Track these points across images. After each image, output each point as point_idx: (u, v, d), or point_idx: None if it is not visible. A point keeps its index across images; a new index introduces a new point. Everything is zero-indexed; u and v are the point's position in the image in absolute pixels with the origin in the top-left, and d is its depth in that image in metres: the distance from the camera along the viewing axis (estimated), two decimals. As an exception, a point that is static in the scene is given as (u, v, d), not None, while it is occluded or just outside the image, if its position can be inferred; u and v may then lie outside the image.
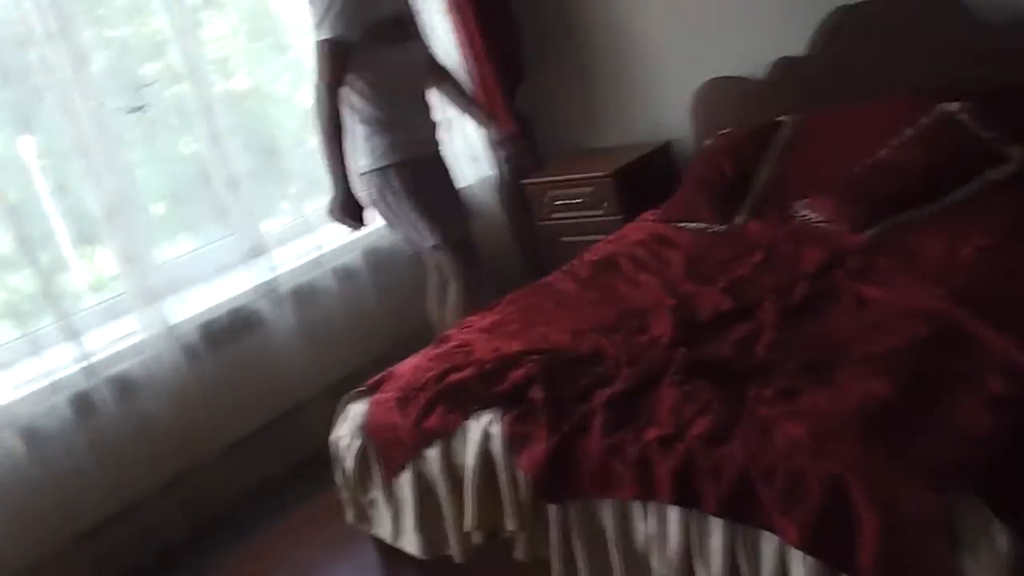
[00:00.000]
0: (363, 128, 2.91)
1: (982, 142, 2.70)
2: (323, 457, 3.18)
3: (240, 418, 3.09)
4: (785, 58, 3.43)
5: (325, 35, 2.76)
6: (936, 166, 2.70)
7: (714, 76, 3.61)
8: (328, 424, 3.24)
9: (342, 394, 3.31)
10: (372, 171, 2.94)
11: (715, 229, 3.00)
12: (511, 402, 2.09)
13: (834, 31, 3.29)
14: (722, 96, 3.61)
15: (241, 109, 3.33)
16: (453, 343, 2.54)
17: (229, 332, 3.07)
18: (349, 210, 2.88)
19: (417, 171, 2.95)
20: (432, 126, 3.09)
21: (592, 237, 3.62)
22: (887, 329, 2.00)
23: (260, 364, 3.15)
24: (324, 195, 3.43)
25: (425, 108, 3.07)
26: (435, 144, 3.09)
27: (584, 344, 2.28)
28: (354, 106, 2.89)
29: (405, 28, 2.94)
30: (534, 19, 4.03)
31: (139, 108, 3.05)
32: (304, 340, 3.23)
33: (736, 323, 2.23)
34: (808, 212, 2.86)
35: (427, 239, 3.02)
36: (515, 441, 2.01)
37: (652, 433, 1.83)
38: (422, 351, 2.59)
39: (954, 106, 2.82)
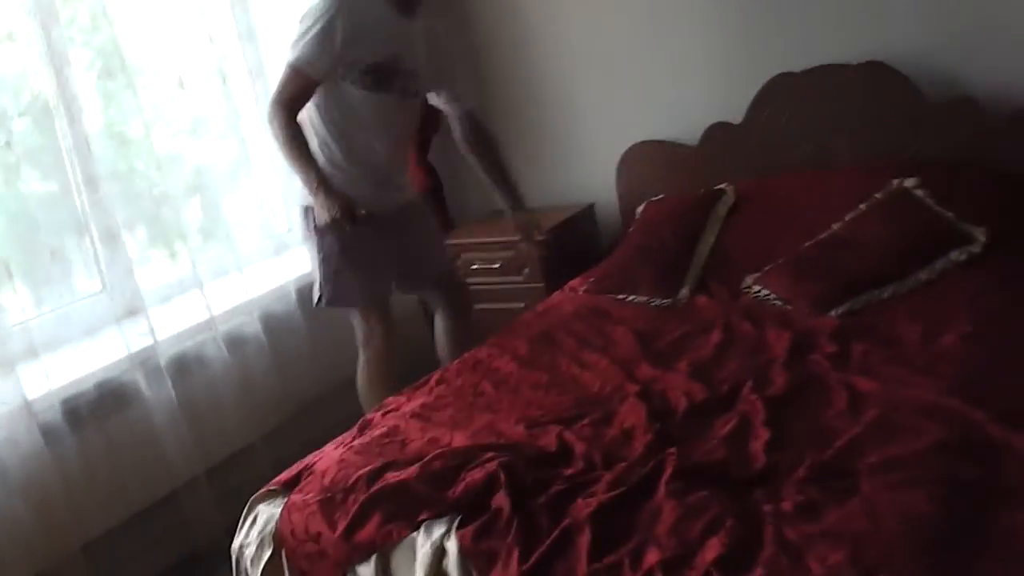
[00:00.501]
0: None
1: (944, 221, 2.56)
2: (206, 555, 2.76)
3: (108, 508, 2.59)
4: (719, 124, 3.27)
5: (291, 57, 2.51)
6: (899, 245, 2.54)
7: (643, 139, 3.41)
8: (211, 512, 2.83)
9: (227, 475, 2.91)
10: (302, 206, 2.70)
11: (658, 303, 2.76)
12: (468, 511, 1.74)
13: (771, 99, 3.15)
14: (650, 160, 3.42)
15: (116, 151, 2.89)
16: (379, 430, 2.18)
17: (98, 408, 2.59)
18: (336, 207, 2.51)
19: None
20: (384, 186, 2.74)
21: (511, 305, 3.38)
22: (898, 430, 1.77)
23: (134, 445, 2.66)
24: (211, 247, 3.07)
25: (384, 166, 2.73)
26: (380, 203, 2.70)
27: (543, 438, 1.96)
28: (308, 136, 2.62)
29: (395, 80, 2.62)
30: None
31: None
32: (186, 416, 2.76)
33: (715, 415, 1.97)
34: (761, 288, 2.65)
35: (317, 293, 2.75)
36: (478, 560, 1.66)
37: (652, 557, 1.52)
38: (342, 438, 2.21)
39: (910, 182, 2.69)
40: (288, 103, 2.53)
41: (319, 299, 2.75)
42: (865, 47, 3.00)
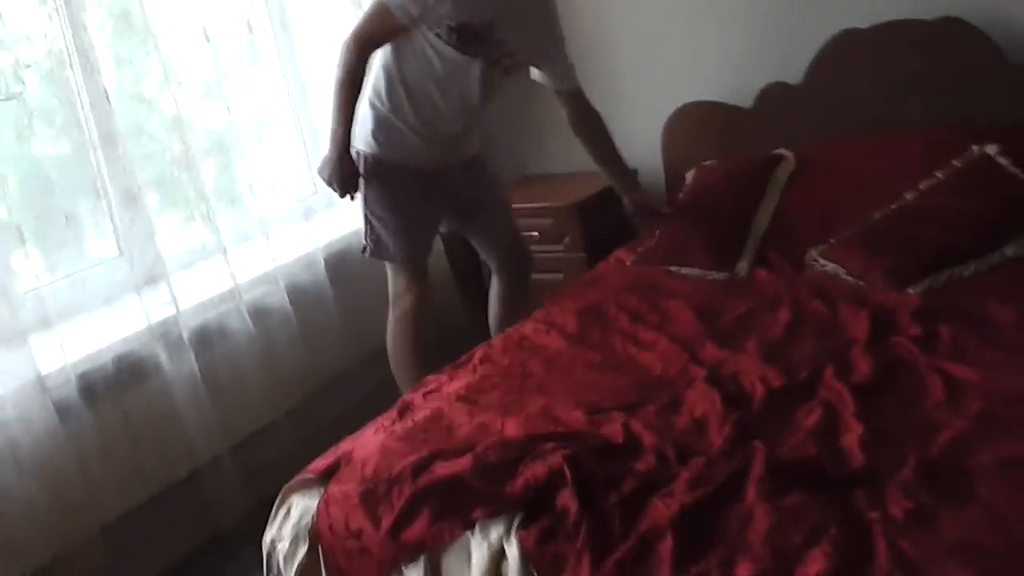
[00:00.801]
0: (366, 103, 2.58)
1: (1030, 192, 2.35)
2: (229, 537, 2.62)
3: (126, 489, 2.43)
4: (776, 84, 3.05)
5: None
6: (982, 217, 2.33)
7: (692, 100, 3.20)
8: (234, 492, 2.68)
9: (251, 453, 2.75)
10: (355, 149, 2.58)
11: (714, 276, 2.56)
12: (530, 510, 1.57)
13: (834, 57, 2.92)
14: (699, 123, 3.20)
15: (132, 111, 2.70)
16: (422, 414, 2.00)
17: (116, 383, 2.42)
18: (341, 174, 2.53)
19: (388, 173, 2.61)
20: (444, 145, 2.65)
21: (550, 275, 3.18)
22: (1007, 425, 1.59)
23: (154, 422, 2.50)
24: (234, 211, 2.89)
25: (449, 129, 2.62)
26: (437, 160, 2.65)
27: (607, 427, 1.78)
28: (376, 76, 2.56)
29: (482, 46, 2.46)
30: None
31: (14, 97, 2.36)
32: (208, 391, 2.59)
33: (796, 404, 1.79)
34: (828, 261, 2.46)
35: (363, 242, 2.73)
36: (543, 566, 1.48)
37: (745, 568, 1.35)
38: (380, 421, 2.03)
39: (991, 148, 2.48)
40: (365, 40, 2.45)
41: (363, 249, 2.72)
42: (939, 1, 2.77)
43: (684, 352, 2.09)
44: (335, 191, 2.58)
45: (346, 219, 3.08)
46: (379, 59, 2.54)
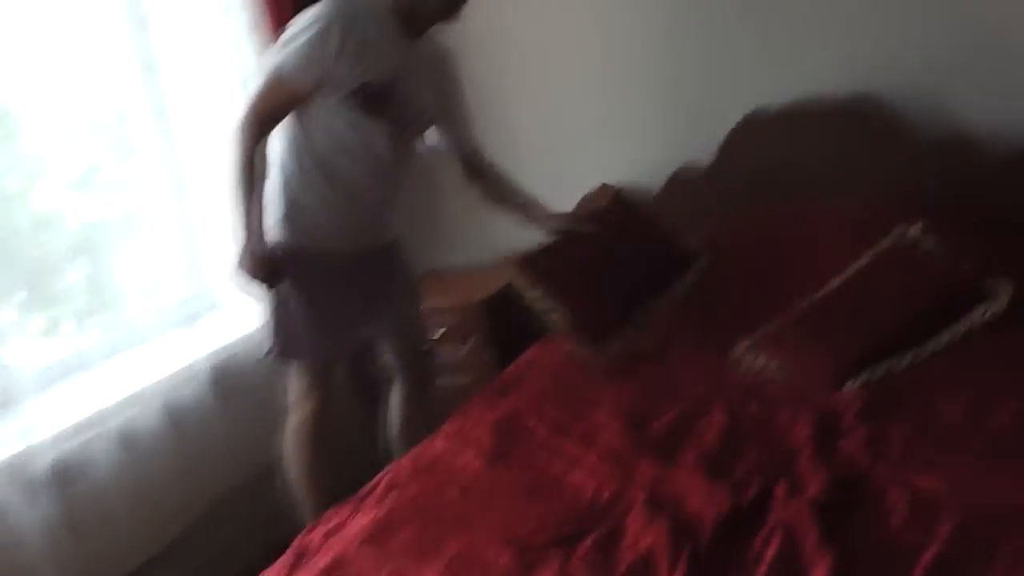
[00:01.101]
0: (273, 186, 2.37)
1: (961, 275, 2.24)
2: None
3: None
4: (686, 166, 2.94)
5: (273, 64, 2.24)
6: (914, 303, 2.21)
7: (600, 183, 3.06)
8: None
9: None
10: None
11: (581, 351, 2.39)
12: None
13: (746, 137, 2.84)
14: (608, 208, 3.04)
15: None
16: (322, 561, 1.71)
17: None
18: (262, 265, 2.30)
19: (302, 262, 2.37)
20: (365, 222, 2.46)
21: (454, 379, 2.94)
22: (988, 548, 1.41)
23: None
24: (104, 316, 2.58)
25: (368, 202, 2.43)
26: (357, 241, 2.45)
27: (542, 571, 1.54)
28: (282, 154, 2.35)
29: (387, 108, 2.30)
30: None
31: None
32: (68, 537, 2.24)
33: (751, 530, 1.58)
34: (755, 357, 2.28)
35: (266, 342, 2.45)
36: None
37: None
38: (276, 572, 1.74)
39: (916, 229, 2.37)
40: (262, 117, 2.25)
41: (268, 351, 2.45)
42: (851, 77, 2.72)
43: (617, 469, 1.87)
44: (260, 285, 2.34)
45: (233, 323, 2.80)
46: (281, 136, 2.35)
